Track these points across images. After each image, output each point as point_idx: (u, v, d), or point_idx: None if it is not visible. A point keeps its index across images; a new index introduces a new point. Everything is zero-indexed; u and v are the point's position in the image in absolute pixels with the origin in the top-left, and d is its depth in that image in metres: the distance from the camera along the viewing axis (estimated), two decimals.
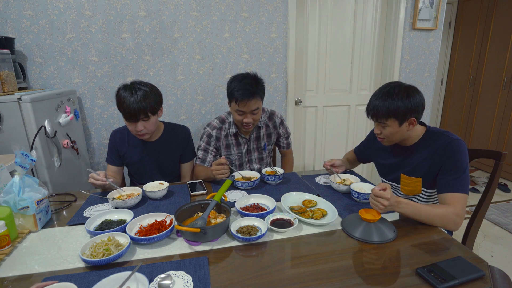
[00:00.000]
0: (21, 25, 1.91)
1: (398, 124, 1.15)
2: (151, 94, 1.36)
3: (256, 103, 1.48)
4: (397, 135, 1.19)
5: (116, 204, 1.16)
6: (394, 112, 1.13)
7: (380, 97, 1.16)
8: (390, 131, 1.18)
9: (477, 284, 0.75)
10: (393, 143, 1.25)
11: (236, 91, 1.44)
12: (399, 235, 0.97)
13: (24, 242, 0.98)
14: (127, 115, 1.33)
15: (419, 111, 1.15)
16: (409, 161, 1.25)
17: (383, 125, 1.18)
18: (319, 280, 0.78)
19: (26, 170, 1.02)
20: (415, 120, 1.15)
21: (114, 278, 0.75)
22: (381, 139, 1.25)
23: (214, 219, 1.04)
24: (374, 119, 1.20)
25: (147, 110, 1.34)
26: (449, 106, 3.93)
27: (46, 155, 1.55)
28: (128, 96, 1.31)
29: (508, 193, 2.98)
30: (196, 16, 2.15)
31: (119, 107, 1.35)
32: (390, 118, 1.15)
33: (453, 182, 1.09)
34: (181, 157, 1.63)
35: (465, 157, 1.11)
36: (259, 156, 1.74)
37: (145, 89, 1.35)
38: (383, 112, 1.15)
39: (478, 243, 2.15)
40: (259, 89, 1.47)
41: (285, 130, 1.78)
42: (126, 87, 1.35)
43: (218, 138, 1.63)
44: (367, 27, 2.60)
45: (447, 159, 1.12)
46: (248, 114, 1.50)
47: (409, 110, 1.12)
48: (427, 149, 1.19)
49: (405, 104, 1.12)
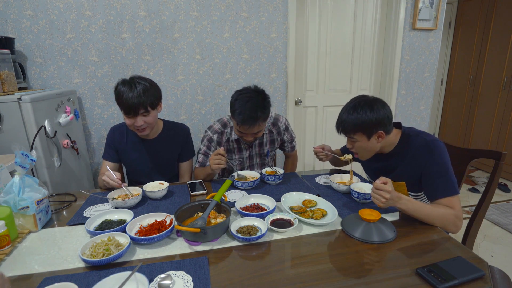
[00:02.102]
0: (21, 25, 1.91)
1: (367, 138, 1.16)
2: (150, 88, 1.35)
3: (259, 127, 1.40)
4: (368, 148, 1.20)
5: (116, 204, 1.16)
6: (360, 127, 1.14)
7: (347, 111, 1.17)
8: (360, 145, 1.19)
9: (477, 284, 0.75)
10: (369, 157, 1.25)
11: (238, 114, 1.33)
12: (399, 235, 0.97)
13: (24, 242, 0.98)
14: (127, 109, 1.33)
15: (385, 124, 1.14)
16: (392, 166, 1.25)
17: (352, 140, 1.20)
18: (319, 280, 0.78)
19: (26, 170, 1.02)
20: (383, 133, 1.15)
21: (114, 278, 0.75)
22: (356, 154, 1.26)
23: (214, 219, 1.04)
24: (343, 133, 1.21)
25: (146, 104, 1.33)
26: (449, 106, 3.93)
27: (46, 155, 1.55)
28: (127, 90, 1.31)
29: (508, 193, 2.98)
30: (196, 16, 2.15)
31: (118, 102, 1.35)
32: (358, 133, 1.16)
33: (443, 186, 1.09)
34: (179, 155, 1.62)
35: (445, 157, 1.11)
36: (261, 162, 1.70)
37: (144, 83, 1.35)
38: (350, 127, 1.16)
39: (478, 243, 2.15)
40: (264, 114, 1.36)
41: (289, 135, 1.71)
42: (125, 82, 1.35)
43: (219, 143, 1.58)
44: (367, 27, 2.60)
45: (428, 162, 1.12)
46: (249, 134, 1.44)
47: (374, 124, 1.13)
48: (406, 154, 1.19)
49: (369, 118, 1.12)
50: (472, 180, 3.29)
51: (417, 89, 2.74)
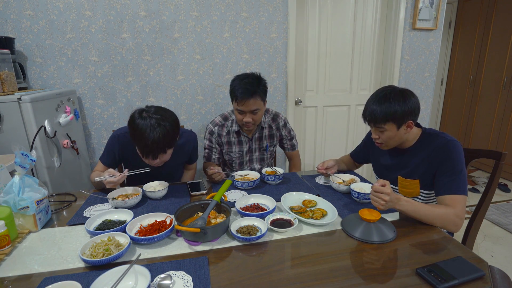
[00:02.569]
0: (21, 25, 1.91)
1: (396, 128, 1.16)
2: (170, 128, 1.22)
3: (256, 103, 1.47)
4: (396, 138, 1.19)
5: (116, 204, 1.16)
6: (392, 116, 1.13)
7: (377, 101, 1.16)
8: (388, 135, 1.18)
9: (477, 284, 0.75)
10: (391, 147, 1.25)
11: (236, 90, 1.46)
12: (399, 235, 0.97)
13: (24, 242, 0.98)
14: (145, 153, 1.23)
15: (415, 114, 1.15)
16: (406, 163, 1.25)
17: (381, 130, 1.18)
18: (319, 280, 0.78)
19: (26, 170, 1.02)
20: (412, 122, 1.16)
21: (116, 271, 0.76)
22: (379, 144, 1.25)
23: (214, 219, 1.04)
24: (372, 124, 1.20)
25: (165, 146, 1.24)
26: (449, 106, 3.93)
27: (46, 155, 1.55)
28: (145, 131, 1.17)
29: (508, 193, 2.98)
30: (196, 16, 2.15)
31: (135, 140, 1.24)
32: (388, 122, 1.15)
33: (451, 184, 1.09)
34: (187, 161, 1.62)
35: (461, 158, 1.11)
36: (260, 156, 1.74)
37: (162, 120, 1.21)
38: (381, 117, 1.14)
39: (478, 243, 2.15)
40: (260, 89, 1.47)
41: (288, 132, 1.77)
42: (142, 117, 1.20)
43: (220, 134, 1.65)
44: (367, 27, 2.60)
45: (443, 161, 1.12)
46: (247, 113, 1.50)
47: (406, 113, 1.13)
48: (423, 151, 1.20)
49: (402, 108, 1.12)
50: (472, 180, 3.29)
51: (417, 89, 2.74)
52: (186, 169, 1.70)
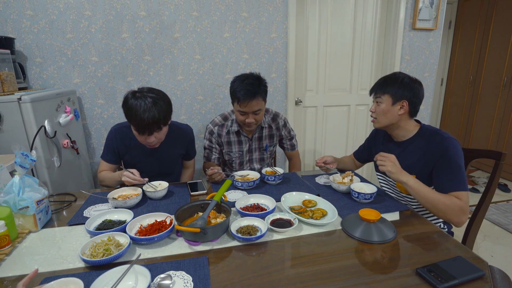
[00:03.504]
0: (21, 25, 1.91)
1: (391, 102, 1.22)
2: (163, 104, 1.28)
3: (258, 104, 1.48)
4: (388, 115, 1.24)
5: (116, 204, 1.16)
6: (391, 87, 1.22)
7: (386, 77, 1.27)
8: (382, 108, 1.24)
9: (477, 284, 0.75)
10: (384, 126, 1.29)
11: (238, 91, 1.45)
12: (399, 235, 0.97)
13: (24, 242, 0.98)
14: (140, 129, 1.27)
15: (414, 99, 1.21)
16: (404, 159, 1.26)
17: (378, 101, 1.26)
18: (319, 280, 0.78)
19: (26, 170, 1.02)
20: (407, 104, 1.20)
21: (116, 271, 0.76)
22: (373, 121, 1.32)
23: (214, 219, 1.04)
24: (373, 93, 1.29)
25: (160, 123, 1.28)
26: (449, 106, 3.93)
27: (46, 155, 1.55)
28: (141, 108, 1.23)
29: (508, 193, 2.98)
30: (196, 16, 2.15)
31: (130, 119, 1.27)
32: (386, 94, 1.23)
33: (453, 181, 1.10)
34: (184, 156, 1.64)
35: (459, 155, 1.13)
36: (260, 156, 1.75)
37: (158, 100, 1.27)
38: (381, 85, 1.25)
39: (478, 243, 2.15)
40: (261, 90, 1.48)
41: (288, 132, 1.77)
42: (136, 96, 1.26)
43: (220, 134, 1.65)
44: (367, 27, 2.60)
45: (441, 158, 1.14)
46: (250, 114, 1.50)
47: (404, 91, 1.20)
48: (421, 148, 1.22)
49: (403, 85, 1.20)
50: (472, 180, 3.29)
51: None
52: (185, 167, 1.71)
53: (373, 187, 1.23)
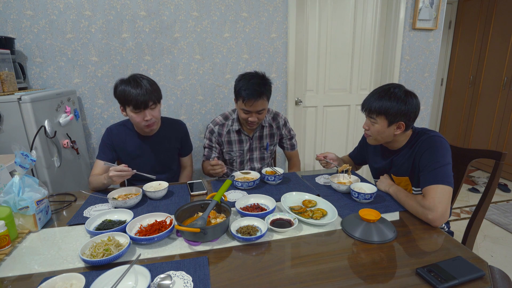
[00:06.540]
0: (21, 25, 1.91)
1: (387, 124, 1.18)
2: (153, 83, 1.41)
3: (262, 103, 1.49)
4: (383, 135, 1.21)
5: (116, 204, 1.16)
6: (385, 111, 1.15)
7: (378, 93, 1.19)
8: (378, 129, 1.20)
9: (477, 284, 0.75)
10: (378, 143, 1.28)
11: (244, 90, 1.46)
12: (399, 235, 0.97)
13: (24, 242, 0.98)
14: (137, 104, 1.34)
15: (410, 117, 1.16)
16: (396, 162, 1.27)
17: (372, 121, 1.21)
18: (319, 280, 0.78)
19: (26, 170, 1.02)
20: (404, 125, 1.17)
21: (116, 271, 0.76)
22: (367, 136, 1.28)
23: (214, 219, 1.04)
24: (366, 112, 1.23)
25: (154, 97, 1.38)
26: (449, 106, 3.93)
27: (46, 155, 1.55)
28: (133, 87, 1.34)
29: (508, 193, 2.98)
30: (196, 16, 2.15)
31: (125, 100, 1.36)
32: (381, 116, 1.17)
33: (428, 175, 1.09)
34: (180, 151, 1.66)
35: (441, 151, 1.12)
36: (260, 155, 1.75)
37: (147, 78, 1.40)
38: (375, 108, 1.18)
39: (478, 243, 2.15)
40: (266, 90, 1.49)
41: (288, 131, 1.78)
42: (127, 80, 1.37)
43: (220, 133, 1.66)
44: (367, 27, 2.60)
45: (423, 155, 1.14)
46: (253, 113, 1.51)
47: (400, 113, 1.14)
48: (410, 149, 1.22)
49: (398, 106, 1.14)
50: (472, 180, 3.29)
51: (417, 89, 2.74)
52: (182, 165, 1.72)
53: (373, 187, 1.23)
